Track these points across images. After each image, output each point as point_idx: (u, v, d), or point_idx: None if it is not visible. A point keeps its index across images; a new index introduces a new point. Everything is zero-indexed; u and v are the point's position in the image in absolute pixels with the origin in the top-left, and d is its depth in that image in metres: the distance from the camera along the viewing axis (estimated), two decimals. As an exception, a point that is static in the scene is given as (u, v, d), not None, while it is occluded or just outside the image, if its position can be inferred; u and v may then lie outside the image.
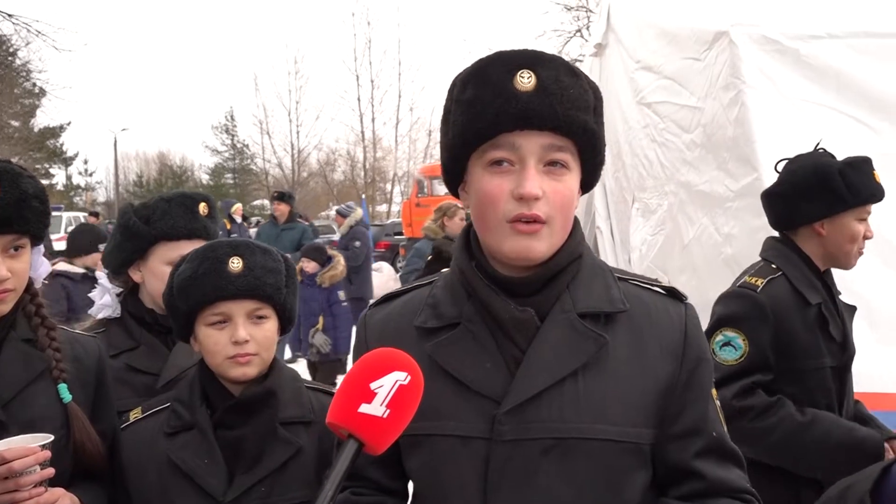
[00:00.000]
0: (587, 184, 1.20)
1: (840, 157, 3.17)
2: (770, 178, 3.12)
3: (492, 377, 1.14)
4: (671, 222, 3.85)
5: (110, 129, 52.45)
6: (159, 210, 1.88)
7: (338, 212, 9.30)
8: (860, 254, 2.23)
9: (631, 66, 4.26)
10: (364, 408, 1.04)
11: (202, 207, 1.92)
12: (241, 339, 1.48)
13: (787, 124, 3.11)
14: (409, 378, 1.06)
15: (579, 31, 22.55)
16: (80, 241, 4.86)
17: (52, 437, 1.37)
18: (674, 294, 1.23)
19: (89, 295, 2.04)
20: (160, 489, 1.49)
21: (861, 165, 2.23)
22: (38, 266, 1.55)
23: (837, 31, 3.15)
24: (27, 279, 1.50)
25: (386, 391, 1.04)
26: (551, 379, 1.13)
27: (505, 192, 1.10)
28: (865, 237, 2.22)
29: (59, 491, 1.40)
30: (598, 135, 1.15)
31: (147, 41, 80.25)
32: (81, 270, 4.52)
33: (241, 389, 1.53)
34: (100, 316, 1.94)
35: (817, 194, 2.18)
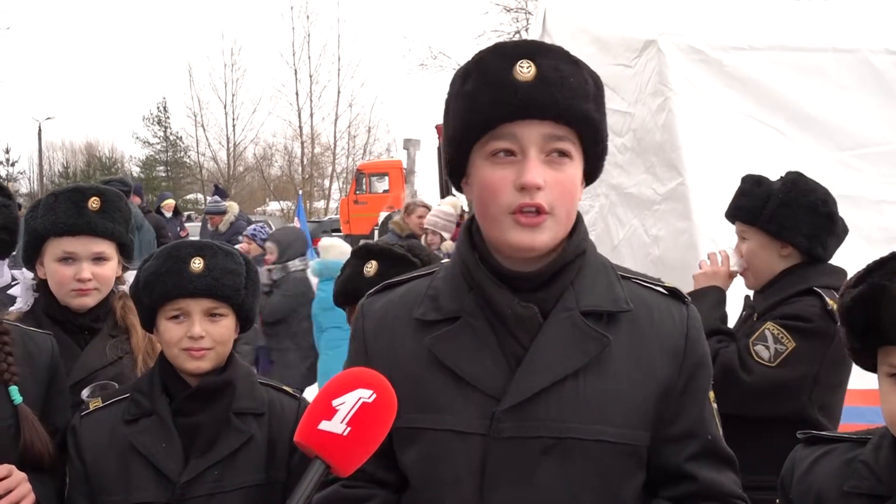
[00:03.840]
0: (590, 174, 1.19)
1: (757, 164, 3.33)
2: (694, 183, 3.28)
3: (491, 373, 1.13)
4: (602, 223, 3.96)
5: (34, 117, 50.25)
6: (45, 205, 1.87)
7: (209, 212, 8.57)
8: None
9: (565, 70, 4.35)
10: (324, 425, 1.01)
11: (92, 202, 1.86)
12: (197, 335, 1.57)
13: (710, 131, 3.25)
14: (374, 396, 1.03)
15: (518, 32, 22.83)
16: None
17: None
18: (676, 295, 1.23)
19: (9, 292, 2.01)
20: (120, 472, 1.55)
21: None
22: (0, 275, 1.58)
23: (758, 44, 3.30)
24: None
25: (348, 408, 1.02)
26: (552, 378, 1.12)
27: (507, 183, 1.10)
28: None
29: (8, 466, 1.44)
30: (600, 124, 1.14)
31: (75, 26, 77.32)
32: None
33: (197, 381, 1.61)
34: (13, 308, 1.94)
35: None
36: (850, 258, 3.09)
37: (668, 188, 3.29)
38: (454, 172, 1.20)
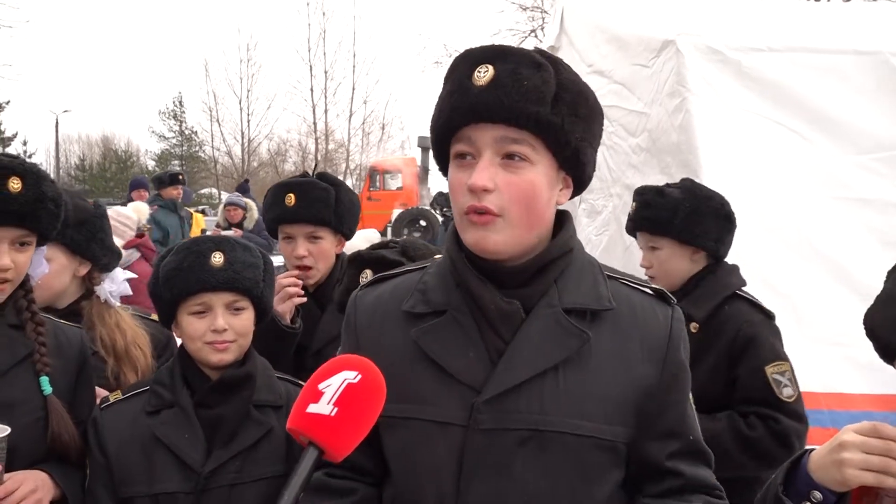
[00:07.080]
0: (578, 180, 1.20)
1: (775, 166, 3.32)
2: (711, 184, 3.25)
3: (474, 366, 1.16)
4: (615, 223, 3.94)
5: (52, 110, 50.74)
6: None
7: (233, 203, 8.50)
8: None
9: (583, 69, 4.34)
10: (312, 407, 1.04)
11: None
12: (220, 328, 1.59)
13: (728, 133, 3.23)
14: (359, 377, 1.06)
15: (534, 31, 22.76)
16: None
17: (7, 431, 1.40)
18: (662, 296, 1.24)
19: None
20: (143, 463, 1.57)
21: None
22: (38, 266, 1.62)
23: (777, 45, 3.28)
24: (24, 274, 1.56)
25: (333, 390, 1.05)
26: (532, 371, 1.15)
27: (462, 185, 1.13)
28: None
29: (21, 476, 1.45)
30: (559, 126, 1.11)
31: (93, 20, 77.81)
32: None
33: (217, 374, 1.64)
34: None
35: None
36: (868, 261, 3.09)
37: (684, 189, 3.28)
38: (443, 170, 1.24)
